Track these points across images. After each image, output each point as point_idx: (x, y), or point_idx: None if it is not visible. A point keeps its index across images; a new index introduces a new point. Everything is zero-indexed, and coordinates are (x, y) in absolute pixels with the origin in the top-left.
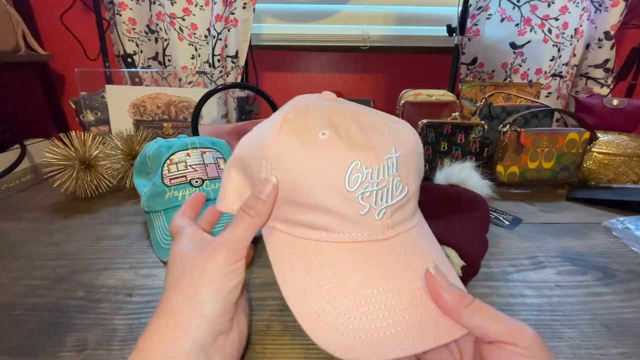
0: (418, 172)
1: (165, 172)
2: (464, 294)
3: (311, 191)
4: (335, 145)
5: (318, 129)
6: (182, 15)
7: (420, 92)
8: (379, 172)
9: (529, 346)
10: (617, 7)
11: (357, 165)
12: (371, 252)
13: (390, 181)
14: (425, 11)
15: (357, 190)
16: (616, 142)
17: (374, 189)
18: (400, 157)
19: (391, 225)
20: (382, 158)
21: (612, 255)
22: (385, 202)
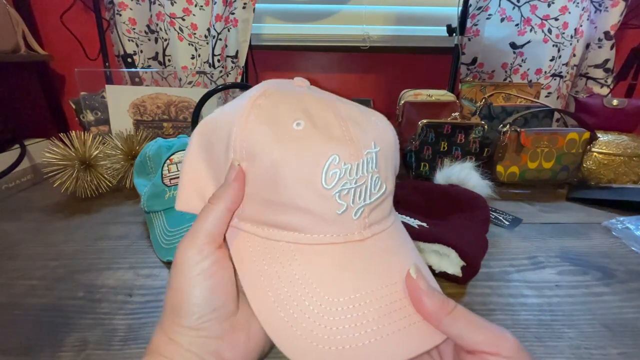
0: (395, 169)
1: (165, 172)
2: (445, 300)
3: (283, 188)
4: (311, 138)
5: (292, 118)
6: (182, 15)
7: (420, 92)
8: (358, 168)
9: (511, 355)
10: (617, 7)
11: (335, 161)
12: (347, 254)
13: (369, 178)
14: (425, 11)
15: (335, 187)
16: (616, 142)
17: (352, 187)
18: (379, 152)
19: (368, 225)
20: (362, 153)
21: (612, 255)
22: (364, 200)
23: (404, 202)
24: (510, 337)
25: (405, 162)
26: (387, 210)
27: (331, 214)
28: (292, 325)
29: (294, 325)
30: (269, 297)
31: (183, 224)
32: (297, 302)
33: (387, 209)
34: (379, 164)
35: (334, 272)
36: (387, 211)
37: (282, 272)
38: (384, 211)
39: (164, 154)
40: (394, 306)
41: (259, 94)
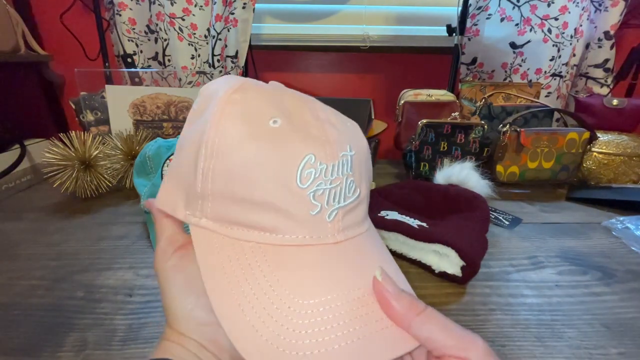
0: (368, 175)
1: (165, 172)
2: (414, 301)
3: (256, 185)
4: (287, 135)
5: (269, 115)
6: (182, 16)
7: (420, 92)
8: (333, 170)
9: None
10: (616, 7)
11: (311, 160)
12: (319, 256)
13: (344, 180)
14: (425, 11)
15: (310, 187)
16: (616, 142)
17: (327, 187)
18: (354, 156)
19: (342, 229)
20: (338, 155)
21: (611, 255)
22: (338, 202)
23: (403, 202)
24: (480, 342)
25: (405, 162)
26: (361, 216)
27: (304, 214)
28: (258, 329)
29: (260, 330)
30: (234, 299)
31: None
32: (264, 305)
33: (361, 214)
34: (354, 168)
35: (305, 275)
36: (361, 216)
37: (250, 273)
38: (358, 216)
39: (163, 154)
40: (365, 310)
41: (235, 88)
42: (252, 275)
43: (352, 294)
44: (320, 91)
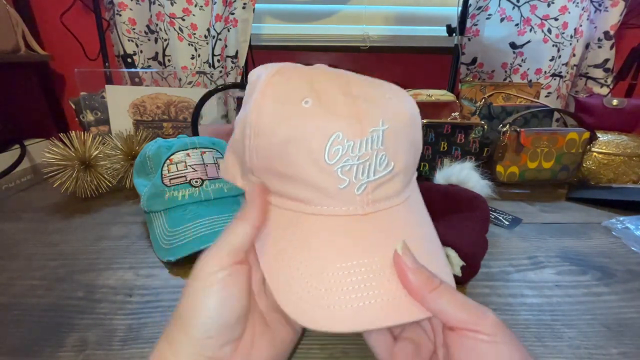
0: (412, 146)
1: (165, 172)
2: (430, 276)
3: (289, 161)
4: (317, 115)
5: (301, 96)
6: (182, 16)
7: (420, 92)
8: (361, 146)
9: (492, 332)
10: (616, 7)
11: (339, 137)
12: (348, 226)
13: (373, 155)
14: (425, 11)
15: (337, 163)
16: (616, 142)
17: (355, 163)
18: (387, 130)
19: (372, 201)
20: (367, 131)
21: (611, 255)
22: (367, 177)
23: None
24: (491, 315)
25: None
26: (396, 188)
27: (333, 188)
28: (289, 283)
29: (291, 283)
30: (272, 255)
31: (183, 224)
32: (295, 264)
33: (396, 186)
34: (386, 142)
35: (332, 241)
36: (396, 189)
37: (285, 236)
38: (393, 188)
39: (163, 154)
40: (386, 278)
41: (275, 71)
42: (287, 239)
43: (375, 263)
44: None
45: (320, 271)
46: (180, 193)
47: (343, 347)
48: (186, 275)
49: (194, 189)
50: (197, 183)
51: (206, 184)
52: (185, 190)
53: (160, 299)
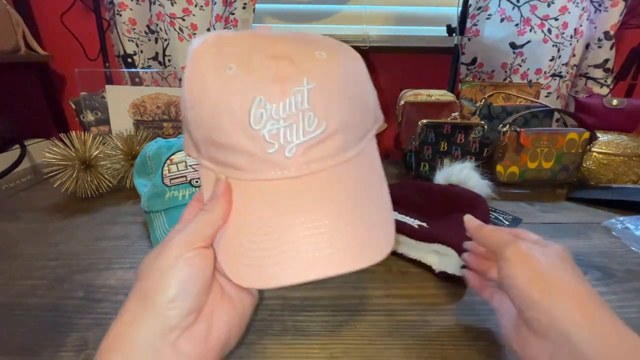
0: (351, 102)
1: (165, 172)
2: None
3: (220, 130)
4: (239, 81)
5: (225, 64)
6: (182, 16)
7: (420, 92)
8: (284, 108)
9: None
10: (616, 7)
11: (261, 102)
12: (282, 189)
13: (300, 116)
14: (425, 11)
15: (263, 128)
16: (616, 142)
17: (281, 126)
18: (313, 89)
19: (306, 163)
20: (288, 92)
21: (611, 255)
22: (296, 138)
23: (404, 203)
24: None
25: (405, 162)
26: (334, 148)
27: (263, 153)
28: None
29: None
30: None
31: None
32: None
33: (334, 146)
34: (313, 102)
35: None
36: (334, 149)
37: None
38: (330, 149)
39: (164, 154)
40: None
41: (201, 42)
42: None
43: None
44: None
45: (255, 234)
46: (181, 193)
47: (343, 347)
48: None
49: (194, 189)
50: (197, 183)
51: None
52: (185, 190)
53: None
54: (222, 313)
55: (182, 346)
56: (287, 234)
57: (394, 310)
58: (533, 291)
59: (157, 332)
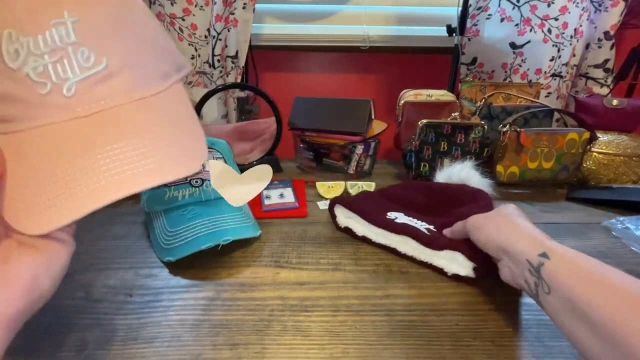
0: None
1: None
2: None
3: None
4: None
5: None
6: (182, 16)
7: (420, 92)
8: (45, 42)
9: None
10: (616, 7)
11: (11, 36)
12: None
13: (68, 50)
14: (425, 11)
15: (23, 65)
16: (616, 142)
17: (48, 62)
18: (78, 22)
19: (95, 100)
20: (46, 24)
21: (612, 255)
22: (72, 75)
23: (408, 203)
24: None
25: (405, 162)
26: (124, 85)
27: (34, 95)
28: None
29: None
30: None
31: (183, 224)
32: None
33: (123, 83)
34: (81, 36)
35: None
36: (124, 86)
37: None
38: (120, 86)
39: None
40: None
41: None
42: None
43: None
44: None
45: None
46: (181, 193)
47: (343, 347)
48: (186, 275)
49: (194, 189)
50: (197, 183)
51: (206, 184)
52: (185, 190)
53: (160, 299)
54: (22, 257)
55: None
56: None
57: (394, 310)
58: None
59: None
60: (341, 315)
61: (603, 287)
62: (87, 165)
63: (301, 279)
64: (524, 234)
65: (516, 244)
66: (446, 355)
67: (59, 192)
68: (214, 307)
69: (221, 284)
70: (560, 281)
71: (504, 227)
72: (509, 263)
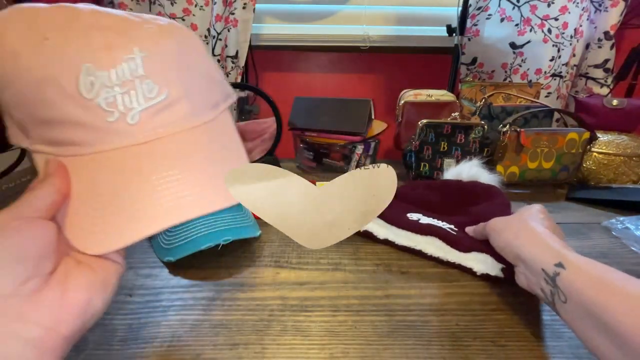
0: (191, 72)
1: None
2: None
3: (47, 104)
4: (60, 51)
5: (41, 35)
6: (182, 16)
7: (420, 92)
8: (117, 75)
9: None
10: (616, 7)
11: (89, 69)
12: (128, 155)
13: (136, 83)
14: (425, 11)
15: (97, 96)
16: (616, 142)
17: (117, 93)
18: (147, 57)
19: (153, 128)
20: (119, 59)
21: (611, 255)
22: (137, 104)
23: (421, 202)
24: (486, 225)
25: (405, 162)
26: (180, 114)
27: (102, 122)
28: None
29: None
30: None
31: (183, 223)
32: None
33: (180, 112)
34: (148, 69)
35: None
36: (180, 115)
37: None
38: (176, 115)
39: None
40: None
41: (8, 14)
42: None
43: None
44: (320, 91)
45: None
46: None
47: (343, 347)
48: (186, 275)
49: None
50: None
51: None
52: None
53: (160, 298)
54: (79, 278)
55: (29, 313)
56: (138, 193)
57: (394, 310)
58: (496, 241)
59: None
60: (341, 315)
61: (620, 296)
62: (146, 189)
63: (301, 279)
64: (540, 242)
65: (532, 252)
66: (446, 355)
67: (119, 214)
68: (214, 307)
69: (221, 284)
70: (577, 290)
71: (521, 234)
72: (525, 270)
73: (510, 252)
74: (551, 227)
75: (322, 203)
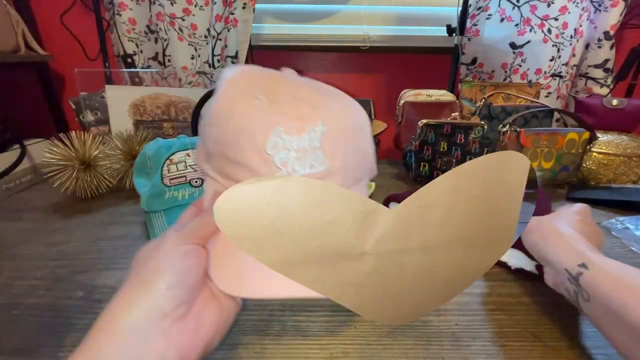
0: (354, 150)
1: (165, 172)
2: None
3: (237, 149)
4: (264, 111)
5: (255, 94)
6: (182, 16)
7: (420, 92)
8: (299, 141)
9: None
10: (616, 7)
11: (279, 132)
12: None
13: (310, 152)
14: (425, 11)
15: (276, 154)
16: (616, 142)
17: (292, 156)
18: (326, 132)
19: None
20: (305, 129)
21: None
22: (302, 169)
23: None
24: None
25: (405, 162)
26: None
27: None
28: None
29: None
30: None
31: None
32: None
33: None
34: (323, 142)
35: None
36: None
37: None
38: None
39: (163, 154)
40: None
41: (239, 73)
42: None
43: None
44: None
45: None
46: (180, 193)
47: (343, 347)
48: None
49: (194, 189)
50: (197, 183)
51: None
52: (185, 190)
53: None
54: (210, 313)
55: (173, 335)
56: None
57: None
58: (526, 241)
59: (150, 317)
60: (341, 315)
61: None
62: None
63: None
64: (564, 244)
65: (557, 254)
66: (446, 355)
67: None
68: None
69: None
70: (599, 290)
71: (548, 235)
72: (551, 270)
73: (537, 253)
74: (585, 229)
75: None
